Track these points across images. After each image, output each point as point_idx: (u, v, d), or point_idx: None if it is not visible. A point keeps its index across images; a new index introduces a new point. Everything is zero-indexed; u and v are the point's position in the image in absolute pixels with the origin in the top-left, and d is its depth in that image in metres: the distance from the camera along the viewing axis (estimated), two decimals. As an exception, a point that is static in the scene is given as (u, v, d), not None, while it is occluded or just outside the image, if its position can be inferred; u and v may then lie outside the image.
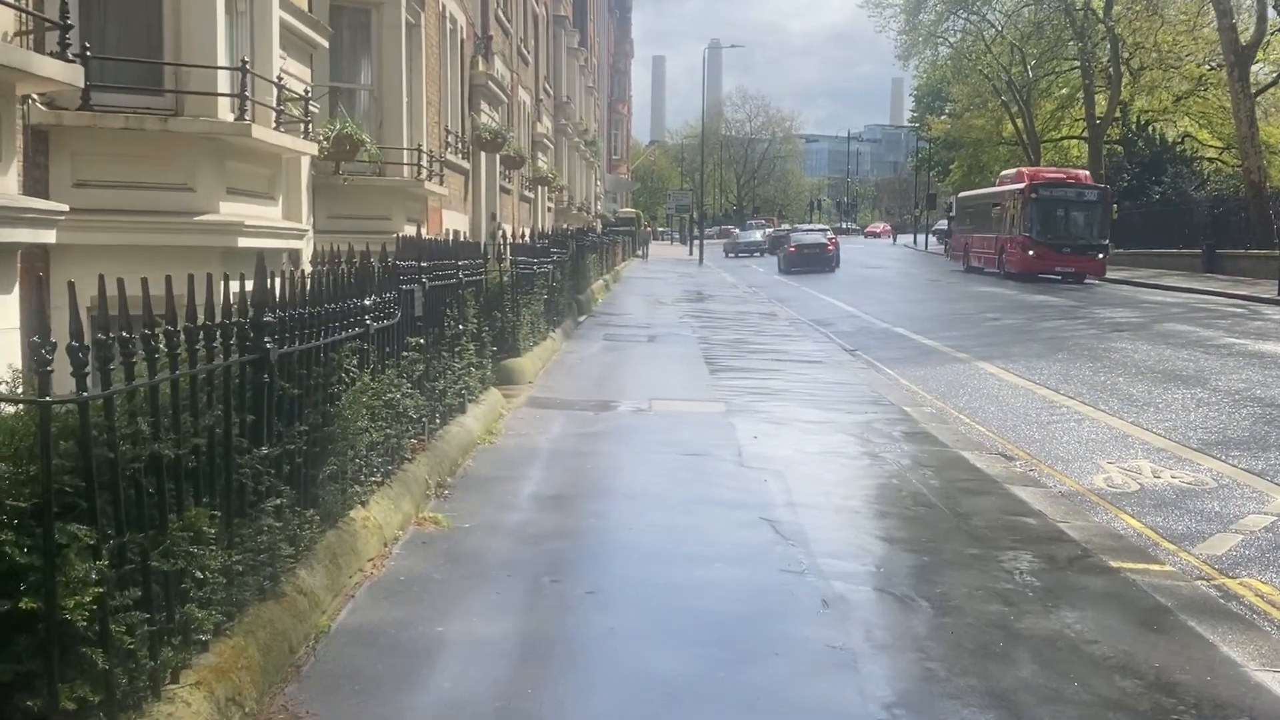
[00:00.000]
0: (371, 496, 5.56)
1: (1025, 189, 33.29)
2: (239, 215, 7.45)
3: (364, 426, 5.31)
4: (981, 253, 37.61)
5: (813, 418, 10.15)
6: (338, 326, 4.98)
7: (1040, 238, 32.51)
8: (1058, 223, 32.89)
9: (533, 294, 12.84)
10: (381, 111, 12.71)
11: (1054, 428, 10.04)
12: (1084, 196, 33.49)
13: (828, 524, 6.41)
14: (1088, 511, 7.15)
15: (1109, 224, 33.95)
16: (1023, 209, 33.15)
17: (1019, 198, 33.56)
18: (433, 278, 7.21)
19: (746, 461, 8.03)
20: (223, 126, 7.22)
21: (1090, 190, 34.02)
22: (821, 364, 14.31)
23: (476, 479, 7.12)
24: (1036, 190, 33.11)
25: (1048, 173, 36.71)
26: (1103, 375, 13.02)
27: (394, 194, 12.38)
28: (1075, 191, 33.57)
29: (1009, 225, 34.36)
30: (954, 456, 8.51)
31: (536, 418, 9.52)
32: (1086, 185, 34.39)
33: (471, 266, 8.76)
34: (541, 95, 29.66)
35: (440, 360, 7.46)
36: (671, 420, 9.77)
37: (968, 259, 39.49)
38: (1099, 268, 32.48)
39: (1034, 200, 32.88)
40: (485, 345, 9.33)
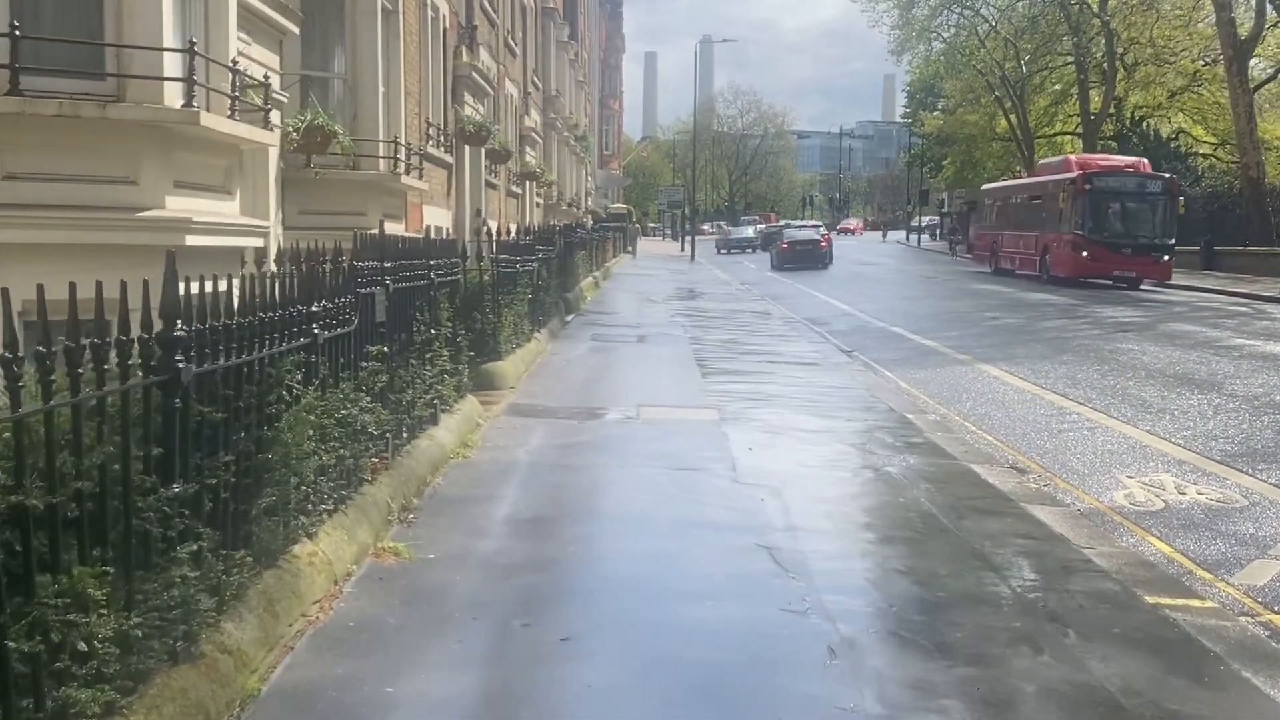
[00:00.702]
0: (321, 527, 4.95)
1: (1077, 179, 28.47)
2: (188, 211, 6.84)
3: (311, 449, 4.70)
4: (1016, 253, 33.11)
5: (811, 426, 9.56)
6: (277, 338, 4.36)
7: (1095, 236, 27.82)
8: (1116, 219, 28.23)
9: (516, 293, 12.23)
10: (356, 102, 12.07)
11: (1066, 437, 9.47)
12: (1146, 188, 28.82)
13: (831, 551, 5.82)
14: (1112, 534, 6.58)
15: (1175, 220, 29.06)
16: (1073, 202, 28.40)
17: (1069, 189, 28.75)
18: (399, 279, 6.60)
19: (741, 477, 7.43)
20: (168, 114, 6.59)
21: (1154, 180, 29.31)
22: (818, 366, 13.73)
23: (446, 500, 6.51)
24: (1091, 181, 28.29)
25: (1103, 159, 32.43)
26: (1112, 379, 12.47)
27: (369, 188, 11.74)
28: (1136, 182, 28.91)
29: (1054, 221, 29.68)
30: (963, 470, 7.93)
31: (516, 427, 8.91)
32: (1149, 175, 29.93)
33: (446, 266, 8.15)
34: (529, 88, 29.00)
35: (408, 369, 6.85)
36: (661, 429, 9.17)
37: (996, 260, 34.87)
38: (1163, 271, 28.00)
39: (1088, 192, 28.09)
40: (461, 350, 8.72)
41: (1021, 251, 32.52)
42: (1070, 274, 28.22)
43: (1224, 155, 51.41)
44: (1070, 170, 29.98)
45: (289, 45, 11.18)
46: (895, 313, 21.77)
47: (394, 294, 6.44)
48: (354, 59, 12.05)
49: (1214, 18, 47.45)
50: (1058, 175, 30.73)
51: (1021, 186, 35.08)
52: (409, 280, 6.89)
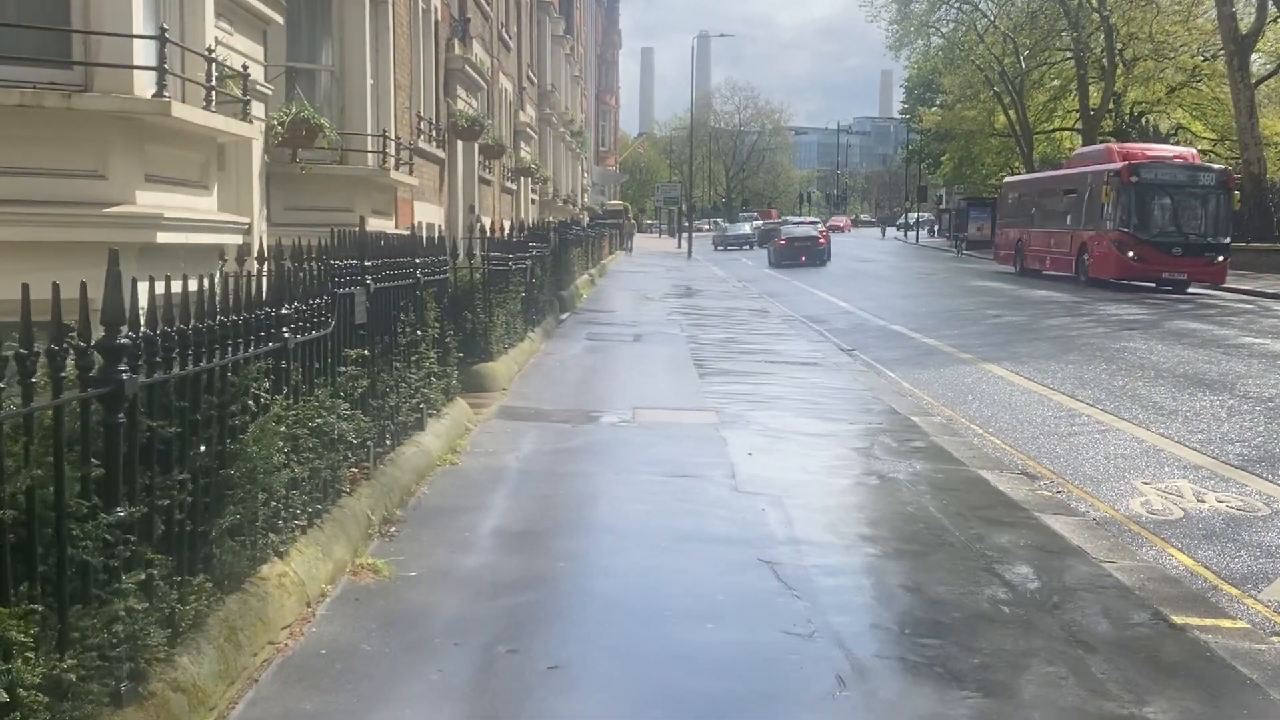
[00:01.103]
0: (293, 545, 4.62)
1: (1122, 171, 25.59)
2: (160, 206, 6.49)
3: (281, 462, 4.37)
4: (1046, 252, 30.16)
5: (812, 429, 9.24)
6: (241, 343, 4.03)
7: (1142, 234, 25.05)
8: (1165, 215, 25.48)
9: (508, 292, 11.90)
10: (344, 95, 11.73)
11: (1076, 440, 9.15)
12: (1199, 181, 25.93)
13: (836, 566, 5.50)
14: (1131, 545, 6.26)
15: (1230, 217, 26.39)
16: (1117, 196, 25.59)
17: (1112, 182, 25.81)
18: (381, 278, 6.26)
19: (741, 485, 7.11)
20: (137, 104, 6.24)
21: (1206, 173, 26.60)
22: (818, 366, 13.41)
23: (431, 510, 6.18)
24: (1138, 172, 25.40)
25: (1149, 149, 29.26)
26: (1120, 379, 12.15)
27: (357, 184, 11.40)
28: (1187, 174, 26.03)
29: (1094, 217, 26.85)
30: (972, 477, 7.61)
31: (507, 432, 8.58)
32: (1201, 166, 27.24)
33: (433, 264, 7.81)
34: (525, 83, 28.65)
35: (391, 372, 6.52)
36: (657, 434, 8.85)
37: (1022, 260, 31.72)
38: (1217, 273, 25.40)
39: (1134, 185, 25.26)
40: (450, 351, 8.39)
41: (1054, 251, 29.65)
42: (1113, 276, 25.59)
43: (1223, 151, 51.19)
44: (1113, 160, 27.08)
45: (274, 36, 10.84)
46: (895, 310, 21.46)
47: (375, 294, 6.11)
48: (341, 51, 11.70)
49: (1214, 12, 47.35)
50: (1098, 166, 27.71)
51: (1054, 179, 31.93)
52: (392, 279, 6.56)
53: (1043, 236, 30.75)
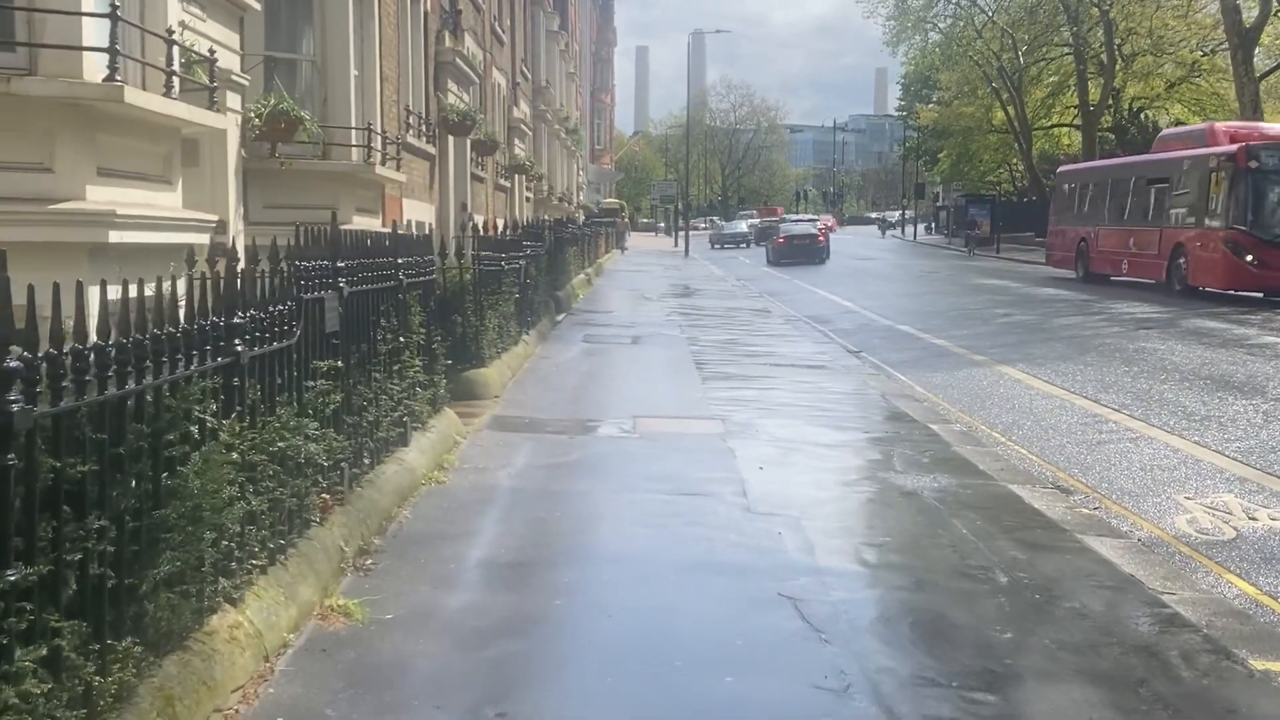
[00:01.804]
0: (249, 589, 4.03)
1: (1237, 155, 20.43)
2: (113, 202, 5.89)
3: (233, 495, 3.77)
4: (1122, 254, 24.70)
5: (825, 439, 8.65)
6: (181, 359, 3.44)
7: (1261, 233, 19.79)
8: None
9: (501, 293, 11.30)
10: (326, 86, 11.11)
11: (1107, 449, 8.58)
12: None
13: (866, 603, 4.91)
14: (1185, 571, 5.69)
15: None
16: (1230, 187, 20.43)
17: (1224, 169, 20.70)
18: (357, 280, 5.67)
19: (753, 504, 6.52)
20: (86, 89, 5.64)
21: None
22: (825, 369, 12.82)
23: (413, 538, 5.58)
24: (1257, 156, 20.27)
25: (1267, 128, 23.86)
26: (1144, 382, 11.58)
27: (340, 180, 10.79)
28: None
29: (1195, 213, 21.62)
30: (1003, 493, 7.03)
31: (499, 444, 7.98)
32: None
33: (417, 265, 7.21)
34: (519, 79, 28.03)
35: (370, 384, 5.93)
36: (660, 445, 8.25)
37: (1085, 263, 26.17)
38: None
39: (1252, 173, 20.10)
40: (437, 358, 7.79)
41: (1134, 253, 24.15)
42: (1222, 285, 20.56)
43: (1222, 147, 50.71)
44: (1218, 142, 21.95)
45: (251, 23, 10.23)
46: (900, 310, 20.89)
47: (350, 298, 5.51)
48: (323, 40, 11.09)
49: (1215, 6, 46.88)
50: (1197, 150, 22.61)
51: (1131, 166, 26.48)
52: (371, 282, 5.97)
53: (1117, 235, 25.10)
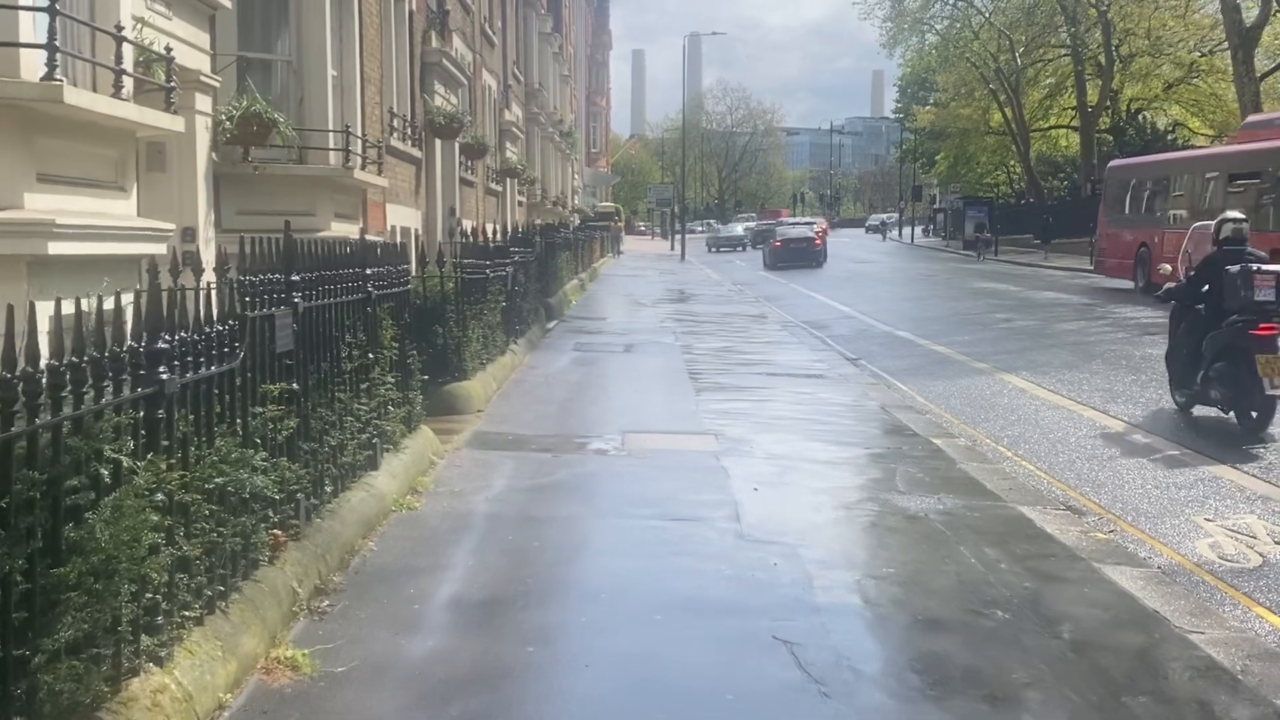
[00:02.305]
0: (180, 645, 3.59)
1: None
2: (55, 211, 5.47)
3: (157, 542, 3.34)
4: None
5: (824, 456, 8.23)
6: (86, 392, 3.00)
7: None
8: None
9: (486, 302, 10.86)
10: (303, 87, 10.69)
11: (1119, 465, 8.15)
12: None
13: (871, 647, 4.48)
14: (1211, 604, 5.26)
15: None
16: None
17: None
18: (316, 294, 5.23)
19: (747, 530, 6.09)
20: (20, 89, 5.22)
21: None
22: (823, 379, 12.40)
23: (377, 574, 5.14)
24: None
25: None
26: (1152, 390, 11.15)
27: (318, 185, 10.36)
28: None
29: None
30: (1012, 515, 6.60)
31: (479, 464, 7.54)
32: None
33: (389, 275, 6.78)
34: (510, 81, 27.61)
35: (333, 406, 5.49)
36: (650, 464, 7.82)
37: (1146, 272, 21.40)
38: None
39: None
40: (412, 374, 7.35)
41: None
42: None
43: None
44: None
45: (223, 22, 9.82)
46: (898, 315, 20.47)
47: (308, 314, 5.08)
48: (299, 39, 10.66)
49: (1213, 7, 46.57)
50: None
51: (1208, 159, 23.16)
52: (333, 295, 5.53)
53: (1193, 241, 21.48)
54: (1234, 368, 8.84)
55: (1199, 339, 9.34)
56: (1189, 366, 9.55)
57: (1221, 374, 9.01)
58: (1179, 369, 9.82)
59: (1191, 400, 9.66)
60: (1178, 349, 9.89)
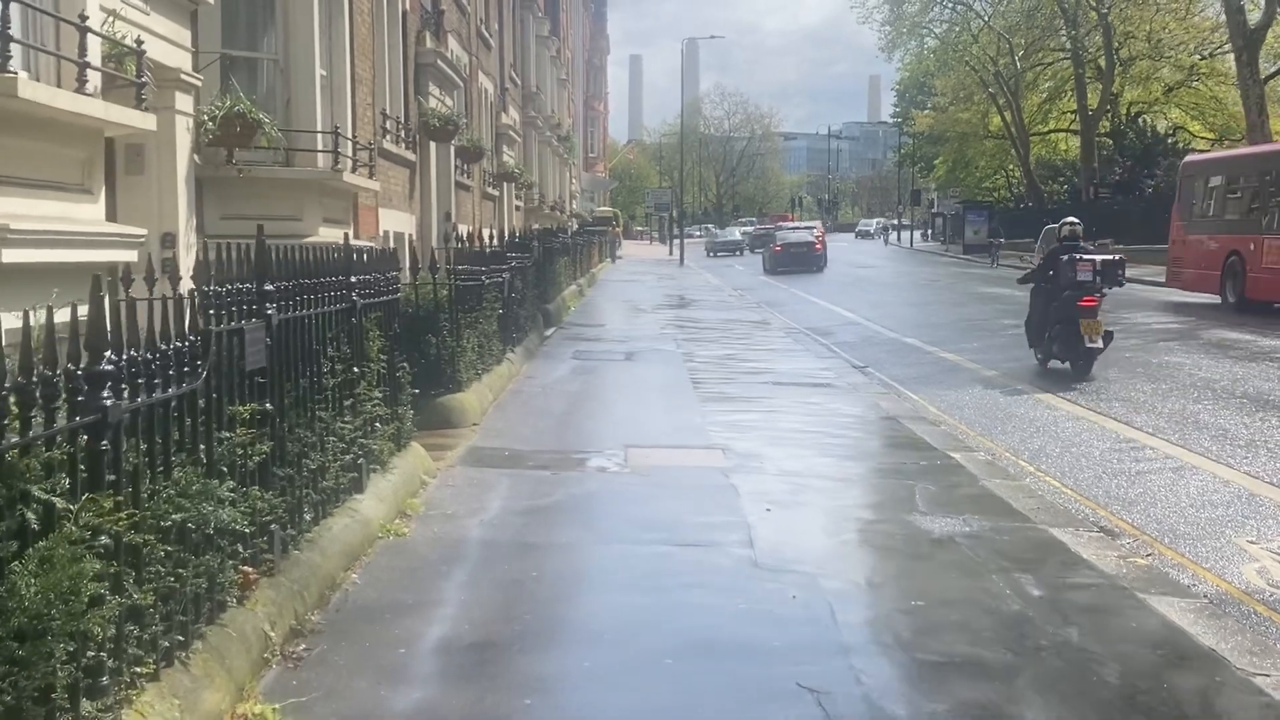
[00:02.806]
0: (130, 706, 3.15)
1: None
2: (9, 215, 5.03)
3: (100, 593, 2.91)
4: None
5: (838, 473, 7.80)
6: (4, 424, 2.57)
7: None
8: None
9: (481, 310, 10.43)
10: (290, 87, 10.27)
11: (1150, 481, 7.73)
12: None
13: (906, 696, 4.04)
14: (1270, 640, 4.84)
15: None
16: None
17: None
18: (293, 305, 4.80)
19: (762, 556, 5.65)
20: (-31, 82, 4.80)
21: None
22: (831, 388, 11.97)
23: (359, 611, 4.70)
24: None
25: None
26: (1174, 400, 10.73)
27: (306, 188, 9.94)
28: None
29: None
30: (1044, 538, 6.17)
31: (473, 484, 7.10)
32: None
33: (377, 282, 6.35)
34: (507, 84, 27.20)
35: (313, 426, 5.06)
36: (655, 482, 7.38)
37: (1239, 285, 19.10)
38: None
39: None
40: (403, 387, 6.92)
41: None
42: None
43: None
44: None
45: (207, 19, 9.41)
46: (904, 321, 20.06)
47: (284, 327, 4.65)
48: (286, 37, 10.24)
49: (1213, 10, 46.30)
50: None
51: None
52: (313, 305, 5.10)
53: None
54: (1066, 329, 11.94)
55: (1045, 310, 12.40)
56: (1039, 330, 12.67)
57: (1058, 334, 12.13)
58: (1033, 333, 12.91)
59: (1046, 357, 12.57)
60: (1032, 318, 12.92)
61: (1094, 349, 11.80)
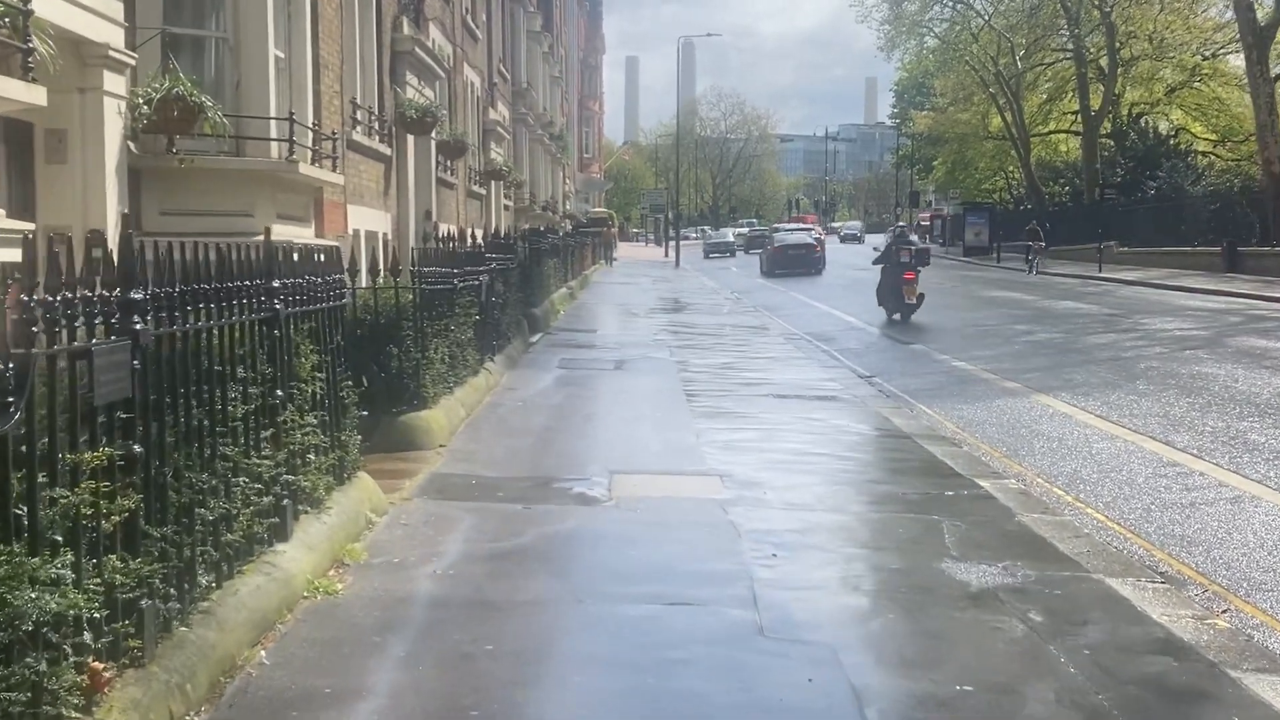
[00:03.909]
0: None
1: None
2: None
3: None
4: None
5: (852, 506, 6.83)
6: None
7: None
8: None
9: (454, 317, 9.45)
10: (240, 69, 9.28)
11: (1207, 515, 6.77)
12: None
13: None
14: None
15: None
16: None
17: None
18: (179, 316, 3.81)
19: (769, 621, 4.67)
20: None
21: None
22: (838, 401, 11.00)
23: (262, 706, 3.71)
24: None
25: None
26: (1214, 416, 9.78)
27: (257, 181, 8.99)
28: None
29: None
30: (1101, 592, 5.20)
31: (430, 521, 6.11)
32: None
33: (310, 288, 5.36)
34: (496, 79, 26.22)
35: (212, 466, 4.06)
36: (643, 519, 6.39)
37: None
38: None
39: None
40: (347, 410, 5.93)
41: None
42: None
43: (1224, 153, 49.37)
44: None
45: (145, -8, 8.47)
46: (909, 326, 19.09)
47: (168, 344, 3.66)
48: (236, 13, 9.25)
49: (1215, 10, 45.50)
50: None
51: None
52: (212, 316, 4.11)
53: None
54: (894, 292, 18.61)
55: (887, 280, 18.98)
56: (883, 294, 19.22)
57: (890, 295, 18.86)
58: (880, 296, 19.44)
59: (889, 311, 18.99)
60: (881, 286, 19.41)
61: (911, 305, 18.52)
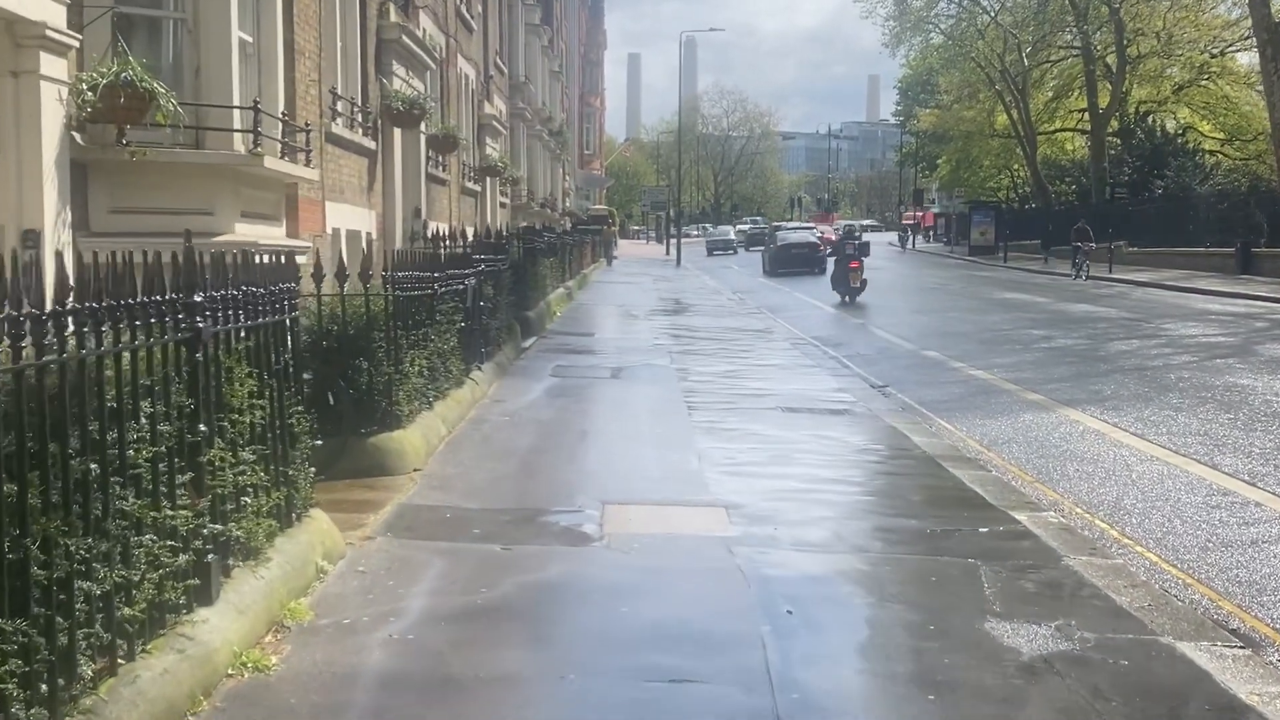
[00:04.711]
0: None
1: None
2: None
3: None
4: None
5: (875, 546, 6.04)
6: None
7: None
8: None
9: (435, 324, 8.67)
10: (200, 53, 8.49)
11: (1270, 553, 6.00)
12: None
13: None
14: None
15: None
16: None
17: None
18: (54, 340, 3.03)
19: (785, 706, 3.89)
20: None
21: None
22: (851, 415, 10.23)
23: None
24: None
25: None
26: (1263, 435, 8.99)
27: (219, 175, 8.20)
28: None
29: None
30: (1174, 660, 4.42)
31: (393, 567, 5.32)
32: None
33: (250, 300, 4.57)
34: (492, 72, 25.41)
35: (102, 525, 3.29)
36: (638, 563, 5.60)
37: None
38: None
39: None
40: (296, 440, 5.15)
41: None
42: None
43: (1231, 152, 48.60)
44: None
45: (94, -32, 7.68)
46: (921, 330, 18.31)
47: (35, 377, 2.88)
48: (197, -9, 8.46)
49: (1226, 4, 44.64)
50: None
51: None
52: (105, 339, 3.33)
53: None
54: (843, 279, 23.26)
55: (839, 270, 23.69)
56: (836, 280, 23.91)
57: (840, 281, 23.56)
58: (833, 281, 24.26)
59: (840, 295, 23.47)
60: (833, 274, 24.36)
61: (856, 288, 23.17)
